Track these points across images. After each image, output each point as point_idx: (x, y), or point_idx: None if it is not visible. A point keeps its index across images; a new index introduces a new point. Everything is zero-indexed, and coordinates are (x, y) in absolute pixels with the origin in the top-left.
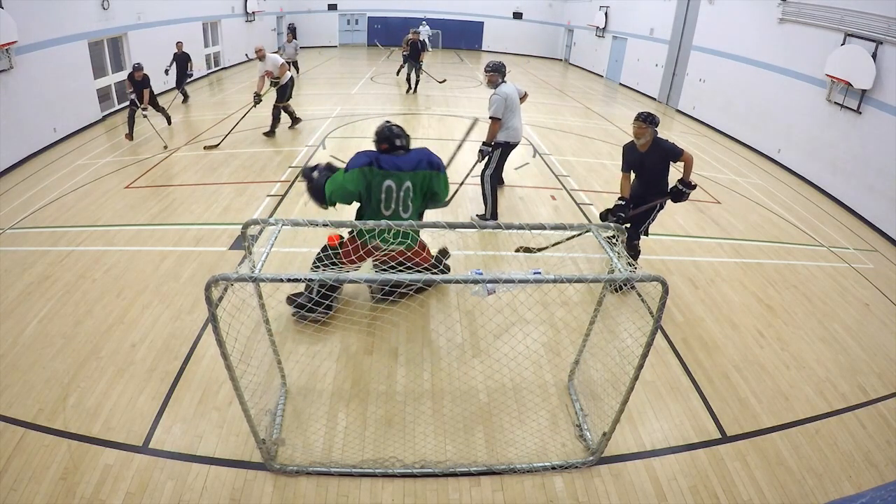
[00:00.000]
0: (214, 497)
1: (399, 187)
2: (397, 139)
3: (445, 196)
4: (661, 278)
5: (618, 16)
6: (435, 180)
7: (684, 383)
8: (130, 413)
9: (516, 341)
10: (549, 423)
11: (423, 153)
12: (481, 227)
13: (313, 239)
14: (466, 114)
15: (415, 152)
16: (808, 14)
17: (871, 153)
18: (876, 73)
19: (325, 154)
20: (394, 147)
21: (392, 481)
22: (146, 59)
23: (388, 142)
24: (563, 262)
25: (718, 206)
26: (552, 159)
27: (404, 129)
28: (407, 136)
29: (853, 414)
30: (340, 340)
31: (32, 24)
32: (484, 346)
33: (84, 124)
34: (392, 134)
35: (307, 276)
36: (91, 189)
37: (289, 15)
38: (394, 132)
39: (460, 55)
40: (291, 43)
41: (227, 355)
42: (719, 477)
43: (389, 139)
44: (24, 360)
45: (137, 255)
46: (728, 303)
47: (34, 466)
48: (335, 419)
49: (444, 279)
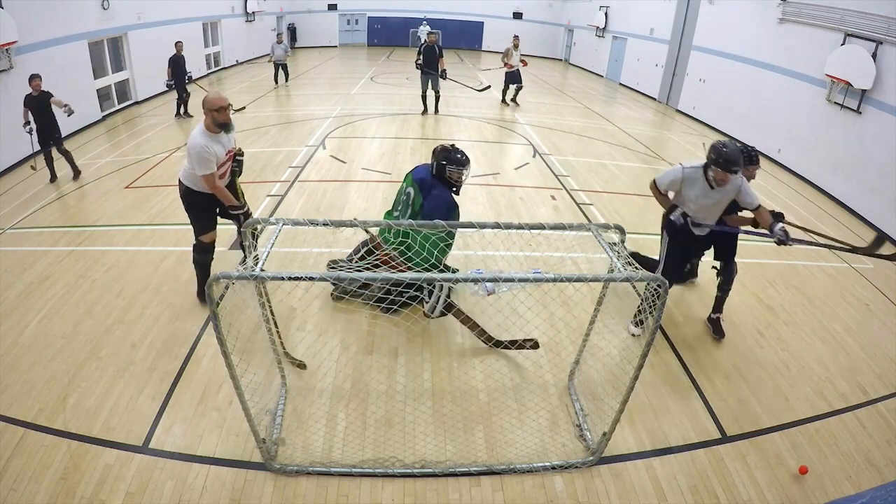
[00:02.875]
0: (214, 497)
1: (413, 196)
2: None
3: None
4: (661, 278)
5: (618, 16)
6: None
7: (684, 383)
8: (130, 413)
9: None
10: (549, 423)
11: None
12: (480, 227)
13: (313, 239)
14: (466, 114)
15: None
16: (808, 14)
17: (871, 153)
18: (876, 73)
19: (326, 154)
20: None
21: (392, 481)
22: (146, 60)
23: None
24: (562, 262)
25: None
26: (552, 159)
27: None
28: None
29: (853, 414)
30: (340, 340)
31: (32, 24)
32: (484, 346)
33: (84, 124)
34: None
35: (307, 275)
36: (91, 189)
37: (289, 15)
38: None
39: (460, 55)
40: (281, 45)
41: (227, 354)
42: (719, 477)
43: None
44: (24, 360)
45: (137, 255)
46: (728, 303)
47: (34, 466)
48: (335, 419)
49: (444, 278)
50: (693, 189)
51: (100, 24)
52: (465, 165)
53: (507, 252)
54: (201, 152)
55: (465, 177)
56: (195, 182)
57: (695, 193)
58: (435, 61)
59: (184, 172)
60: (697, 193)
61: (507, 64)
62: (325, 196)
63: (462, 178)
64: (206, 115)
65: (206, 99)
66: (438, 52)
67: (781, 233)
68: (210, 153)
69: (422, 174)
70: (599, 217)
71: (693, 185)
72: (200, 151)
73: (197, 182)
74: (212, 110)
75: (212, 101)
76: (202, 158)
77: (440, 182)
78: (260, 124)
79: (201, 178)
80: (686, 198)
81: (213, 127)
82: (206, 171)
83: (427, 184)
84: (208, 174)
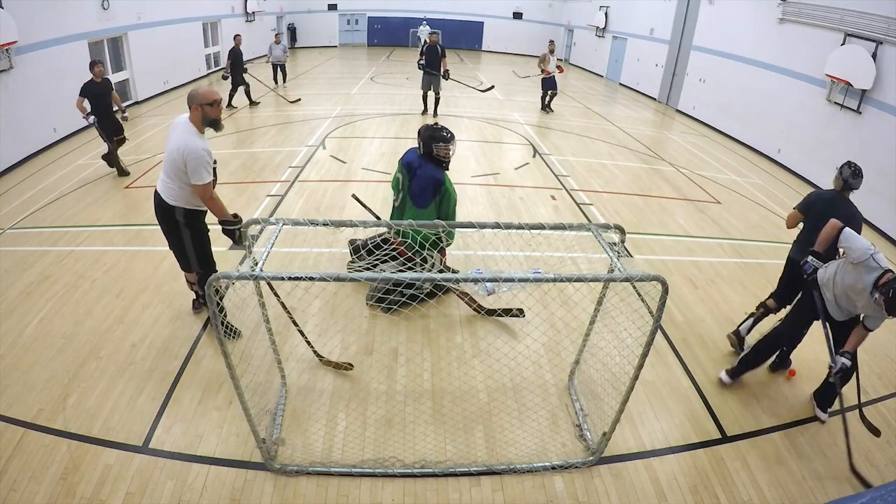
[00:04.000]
0: (214, 497)
1: (402, 180)
2: (422, 142)
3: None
4: (661, 278)
5: (618, 16)
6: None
7: (684, 383)
8: (130, 413)
9: (516, 341)
10: (549, 423)
11: (423, 161)
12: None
13: (313, 239)
14: (466, 114)
15: (421, 161)
16: (807, 14)
17: (871, 153)
18: (876, 73)
19: (326, 154)
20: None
21: (392, 481)
22: (146, 60)
23: (421, 140)
24: (562, 262)
25: (718, 206)
26: (552, 159)
27: (441, 130)
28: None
29: (853, 414)
30: (340, 340)
31: (32, 24)
32: (484, 346)
33: (84, 124)
34: (424, 134)
35: (307, 275)
36: (91, 189)
37: (289, 15)
38: (430, 131)
39: (460, 55)
40: (280, 45)
41: (227, 354)
42: (719, 477)
43: (431, 133)
44: (24, 360)
45: (137, 255)
46: (728, 303)
47: (34, 466)
48: (335, 419)
49: (444, 278)
50: (849, 277)
51: (100, 24)
52: (450, 141)
53: (507, 252)
54: (205, 157)
55: (451, 152)
56: (191, 201)
57: (849, 283)
58: (437, 61)
59: (172, 193)
60: (850, 284)
61: (543, 70)
62: (325, 196)
63: (450, 154)
64: (193, 111)
65: (197, 92)
66: (441, 52)
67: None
68: (211, 158)
69: (410, 157)
70: (599, 217)
71: (856, 276)
72: (204, 156)
73: (192, 200)
74: (203, 104)
75: (204, 93)
76: (205, 164)
77: (428, 161)
78: (260, 124)
79: (196, 191)
80: (836, 279)
81: (201, 125)
82: (207, 180)
83: (414, 165)
84: (207, 183)
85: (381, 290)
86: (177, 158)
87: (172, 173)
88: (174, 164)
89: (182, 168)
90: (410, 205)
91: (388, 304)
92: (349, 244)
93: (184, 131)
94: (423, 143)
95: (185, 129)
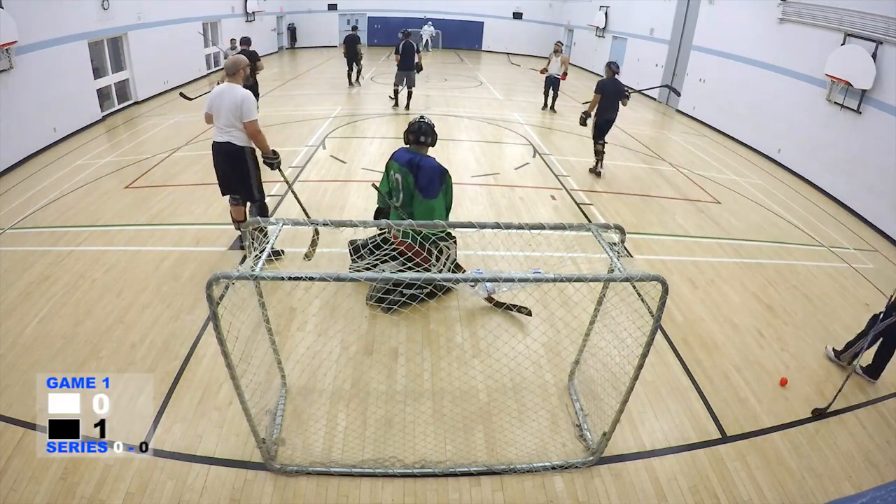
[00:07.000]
0: (214, 497)
1: (402, 180)
2: (414, 135)
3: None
4: (661, 278)
5: (618, 16)
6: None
7: (684, 383)
8: (130, 413)
9: (516, 341)
10: (549, 423)
11: (421, 156)
12: (480, 227)
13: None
14: (466, 114)
15: (421, 155)
16: (808, 14)
17: (871, 153)
18: (876, 73)
19: (325, 154)
20: (417, 141)
21: (392, 481)
22: (146, 59)
23: (413, 134)
24: (562, 262)
25: (718, 206)
26: (552, 159)
27: (431, 126)
28: (426, 132)
29: (853, 414)
30: (340, 340)
31: (32, 24)
32: (484, 346)
33: (84, 124)
34: (412, 128)
35: (307, 275)
36: (91, 189)
37: (289, 15)
38: (414, 127)
39: (460, 55)
40: (234, 51)
41: (227, 354)
42: (719, 477)
43: (413, 132)
44: (24, 360)
45: (137, 255)
46: (728, 303)
47: (34, 466)
48: (335, 419)
49: (443, 278)
50: None
51: (100, 24)
52: (433, 127)
53: (507, 252)
54: (254, 99)
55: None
56: (249, 141)
57: None
58: (413, 57)
59: (239, 137)
60: None
61: (543, 70)
62: (325, 196)
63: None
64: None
65: (236, 60)
66: (416, 48)
67: None
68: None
69: (406, 156)
70: (599, 217)
71: None
72: (253, 98)
73: (249, 140)
74: (245, 66)
75: (241, 60)
76: (255, 105)
77: (424, 154)
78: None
79: (249, 127)
80: None
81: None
82: (256, 116)
83: (415, 161)
84: (255, 119)
85: (381, 289)
86: (237, 106)
87: (235, 121)
88: (235, 112)
89: (239, 114)
90: (420, 198)
91: (388, 304)
92: (349, 244)
93: (234, 88)
94: (413, 135)
95: (234, 87)
